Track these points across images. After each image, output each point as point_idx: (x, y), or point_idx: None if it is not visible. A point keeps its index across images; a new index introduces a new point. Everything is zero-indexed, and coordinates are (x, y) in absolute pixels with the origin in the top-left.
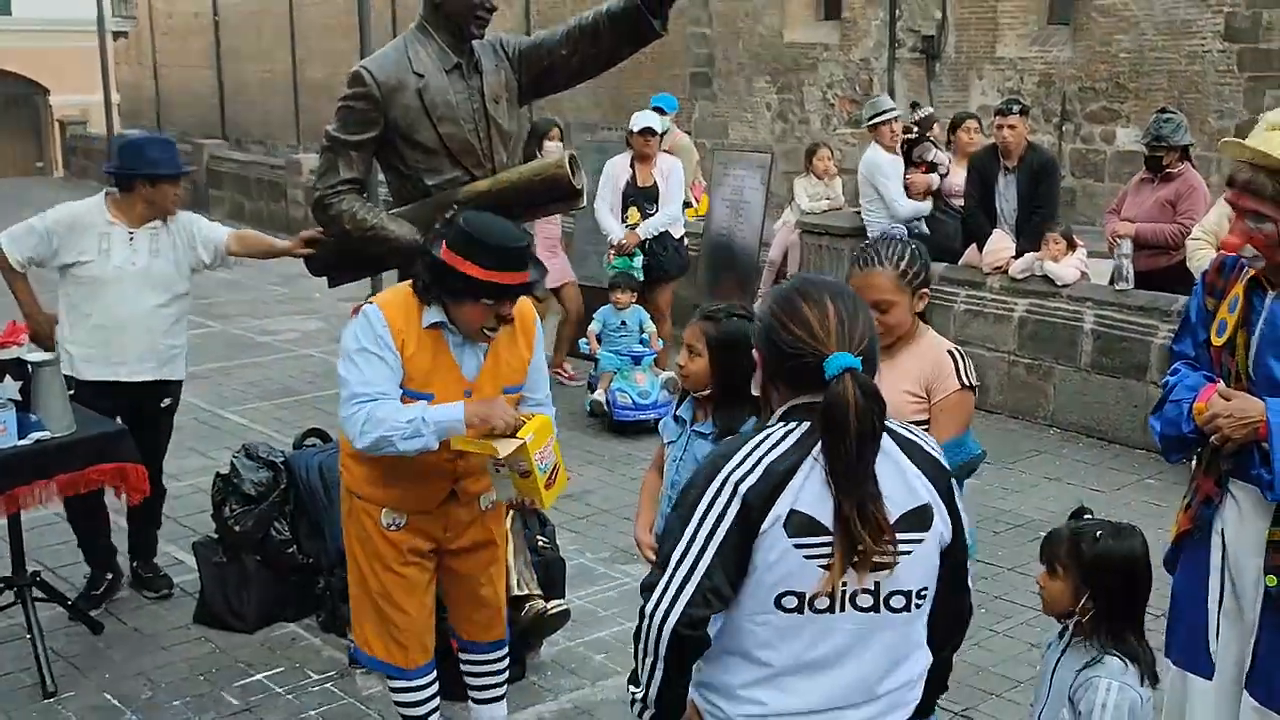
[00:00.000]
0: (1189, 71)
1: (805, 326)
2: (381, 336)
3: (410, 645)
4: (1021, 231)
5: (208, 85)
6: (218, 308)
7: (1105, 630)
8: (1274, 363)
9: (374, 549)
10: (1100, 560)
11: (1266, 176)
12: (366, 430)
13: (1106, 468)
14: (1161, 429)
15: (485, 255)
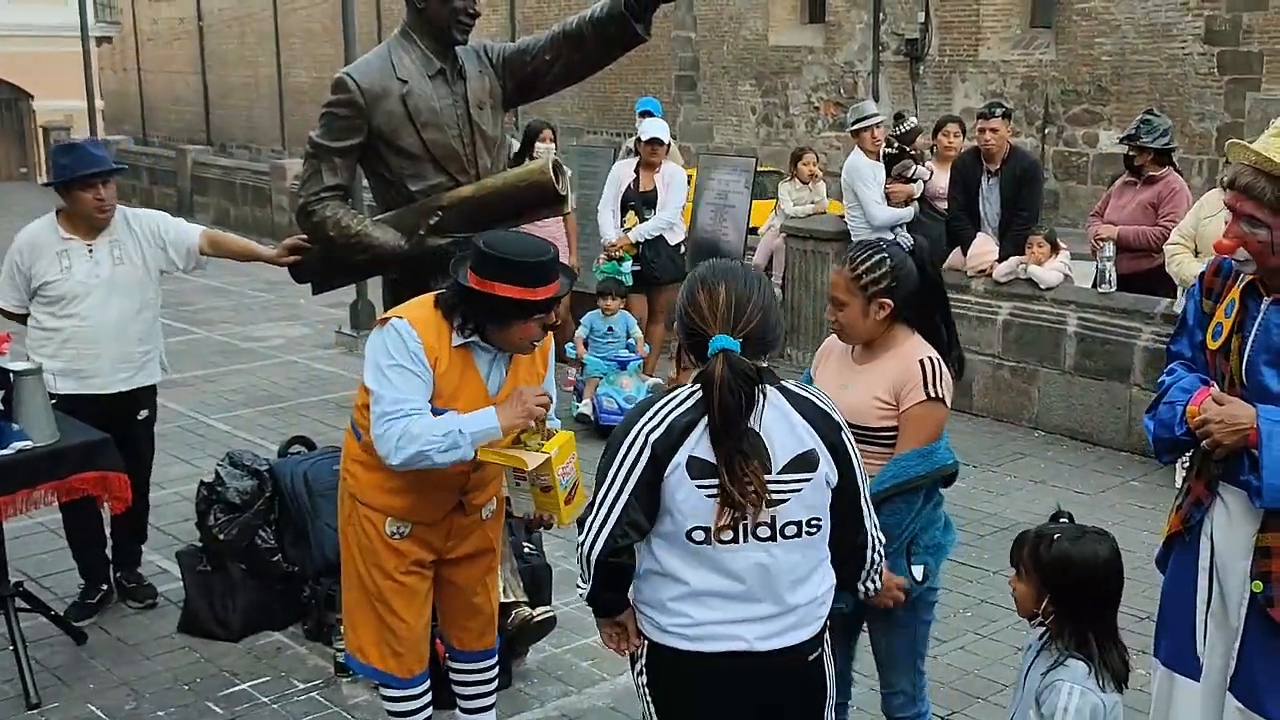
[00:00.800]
0: (1170, 74)
1: (698, 309)
2: (415, 352)
3: (407, 654)
4: (1005, 234)
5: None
6: (202, 314)
7: (1069, 633)
8: (1266, 369)
9: (375, 557)
10: (1058, 563)
11: (1268, 182)
12: (402, 446)
13: (1091, 470)
14: (1155, 430)
15: (524, 274)
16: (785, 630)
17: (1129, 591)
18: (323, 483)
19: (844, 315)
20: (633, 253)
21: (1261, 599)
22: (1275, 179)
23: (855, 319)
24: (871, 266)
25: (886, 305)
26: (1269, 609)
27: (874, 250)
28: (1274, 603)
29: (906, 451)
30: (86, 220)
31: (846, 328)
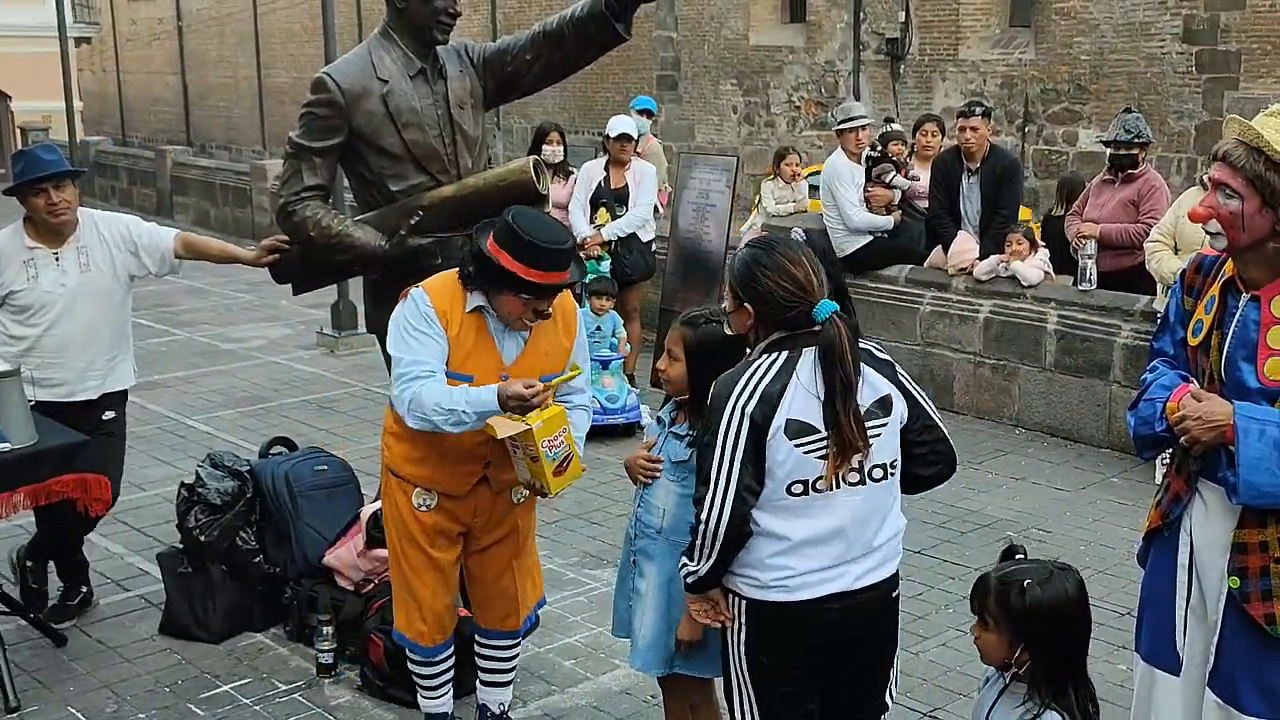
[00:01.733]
0: (1149, 73)
1: (795, 282)
2: (427, 315)
3: (429, 623)
4: (985, 233)
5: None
6: (182, 315)
7: (1046, 684)
8: (1244, 365)
9: (404, 527)
10: (1032, 612)
11: (1247, 154)
12: (414, 410)
13: (1071, 467)
14: (1135, 426)
15: (529, 254)
16: (873, 568)
17: (1110, 587)
18: (304, 483)
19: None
20: (607, 251)
21: (1238, 594)
22: (1255, 151)
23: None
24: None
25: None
26: (1245, 604)
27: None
28: (1250, 598)
29: None
30: (45, 226)
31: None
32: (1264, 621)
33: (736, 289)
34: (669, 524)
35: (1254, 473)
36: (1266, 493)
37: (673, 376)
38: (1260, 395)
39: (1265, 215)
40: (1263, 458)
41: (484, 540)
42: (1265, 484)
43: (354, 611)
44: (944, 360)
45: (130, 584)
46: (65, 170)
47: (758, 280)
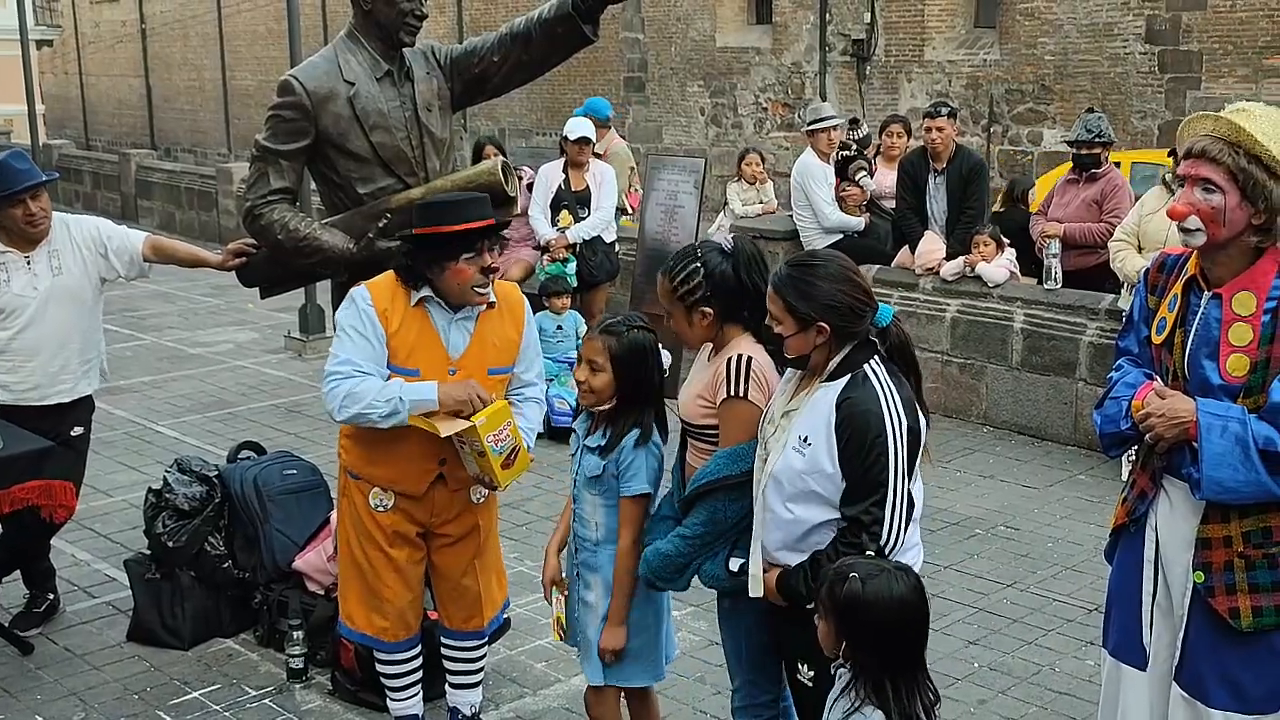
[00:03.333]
0: (1112, 73)
1: (861, 289)
2: (366, 313)
3: (392, 620)
4: (952, 233)
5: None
6: (149, 320)
7: (868, 679)
8: (1206, 362)
9: (362, 527)
10: (848, 606)
11: (1225, 147)
12: (345, 405)
13: (1039, 465)
14: (1101, 425)
15: (448, 211)
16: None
17: (1078, 584)
18: (273, 488)
19: (673, 324)
20: (572, 253)
21: (1203, 589)
22: (1235, 146)
23: (682, 327)
24: (686, 277)
25: (707, 313)
26: (1210, 599)
27: (689, 259)
28: (1214, 593)
29: (721, 450)
30: (20, 234)
31: (679, 335)
32: (1228, 615)
33: (807, 310)
34: (603, 535)
35: (1216, 468)
36: (1229, 488)
37: (596, 387)
38: (1223, 391)
39: (1244, 209)
40: (1225, 454)
41: (444, 539)
42: (1228, 479)
43: (324, 616)
44: None
45: (98, 591)
46: (44, 179)
47: (834, 297)
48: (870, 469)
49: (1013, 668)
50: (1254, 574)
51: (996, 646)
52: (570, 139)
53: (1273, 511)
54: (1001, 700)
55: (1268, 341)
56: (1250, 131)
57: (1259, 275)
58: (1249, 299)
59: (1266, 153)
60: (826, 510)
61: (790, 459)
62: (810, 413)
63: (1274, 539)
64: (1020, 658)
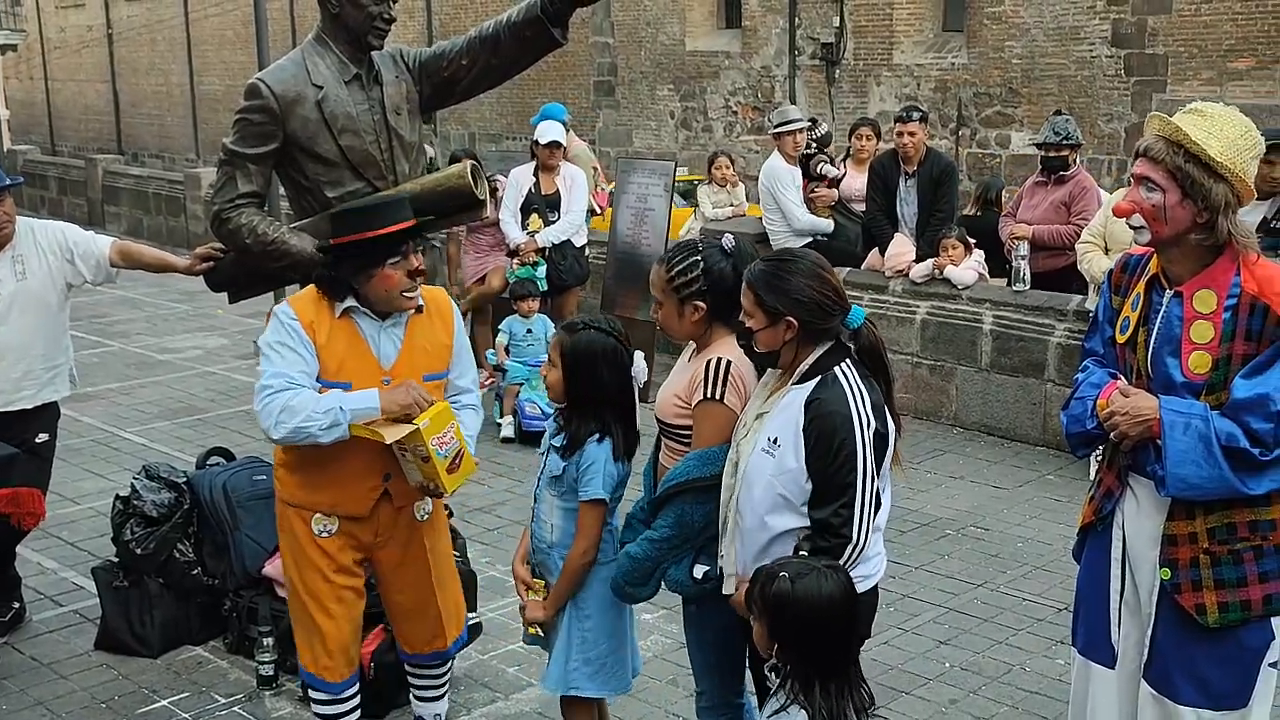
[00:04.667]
0: (1079, 76)
1: (834, 289)
2: (292, 328)
3: (336, 657)
4: (922, 235)
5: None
6: (116, 326)
7: (796, 678)
8: (1169, 360)
9: (305, 557)
10: (776, 605)
11: (1167, 147)
12: (282, 420)
13: (1009, 465)
14: (1068, 425)
15: (364, 216)
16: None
17: (1048, 583)
18: (242, 493)
19: (661, 315)
20: (542, 257)
21: (1169, 586)
22: (1176, 145)
23: (670, 319)
24: (685, 269)
25: (699, 308)
26: (1177, 595)
27: (690, 252)
28: (1181, 589)
29: (692, 452)
30: None
31: (666, 326)
32: (1195, 611)
33: (775, 304)
34: (558, 538)
35: (1180, 465)
36: (1193, 484)
37: (550, 382)
38: (1185, 389)
39: (1186, 207)
40: (1188, 450)
41: (390, 560)
42: (1192, 476)
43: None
44: None
45: (65, 599)
46: (7, 185)
47: (802, 292)
48: (839, 470)
49: (983, 667)
50: (1219, 570)
51: (967, 646)
52: (541, 143)
53: (1237, 508)
54: (972, 700)
55: (1229, 339)
56: (1187, 131)
57: (1218, 273)
58: (1209, 297)
59: (1204, 152)
60: (793, 518)
61: (759, 461)
62: (780, 414)
63: (1239, 535)
64: (991, 657)
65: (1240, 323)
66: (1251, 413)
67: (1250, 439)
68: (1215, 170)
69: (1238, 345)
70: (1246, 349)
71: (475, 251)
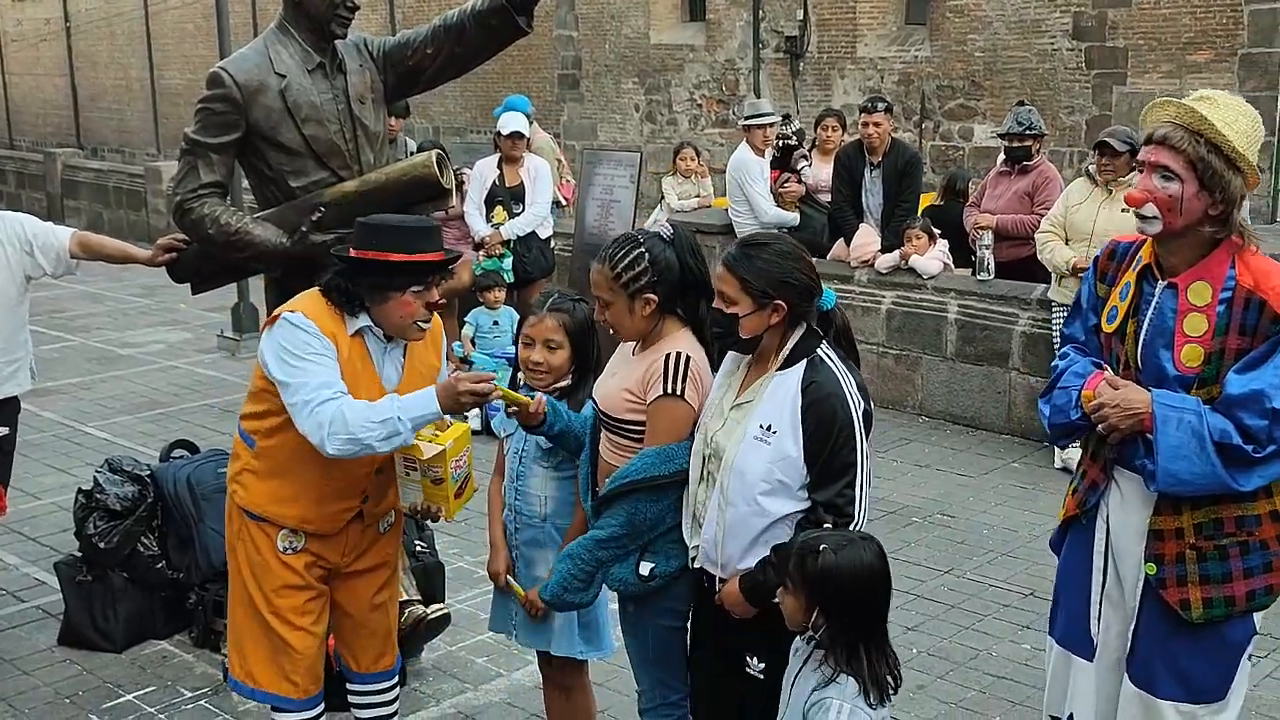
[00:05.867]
0: (1040, 69)
1: (811, 269)
2: (318, 339)
3: (302, 674)
4: (887, 225)
5: (61, 93)
6: (77, 321)
7: (841, 648)
8: (1163, 352)
9: (266, 573)
10: (826, 576)
11: (1186, 134)
12: (335, 432)
13: (974, 454)
14: (1050, 415)
15: (401, 239)
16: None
17: (1013, 569)
18: (207, 486)
19: (611, 314)
20: (508, 249)
21: (1155, 581)
22: (1197, 135)
23: (621, 317)
24: (630, 263)
25: (651, 301)
26: (1161, 590)
27: (632, 245)
28: (1166, 584)
29: (648, 449)
30: None
31: (615, 325)
32: (1179, 607)
33: (765, 287)
34: (552, 509)
35: (1172, 460)
36: (1184, 480)
37: (555, 364)
38: (1177, 382)
39: (1201, 198)
40: (1180, 445)
41: (351, 572)
42: (1184, 471)
43: None
44: None
45: (27, 595)
46: None
47: (791, 274)
48: (840, 451)
49: (950, 653)
50: (1205, 565)
51: (934, 632)
52: (504, 134)
53: (1224, 503)
54: (939, 685)
55: (1222, 332)
56: (1212, 120)
57: (1214, 265)
58: (1204, 289)
59: (1227, 143)
60: (790, 502)
61: (752, 450)
62: (770, 401)
63: (1225, 531)
64: (958, 643)
65: (1235, 317)
66: (1245, 409)
67: (1244, 435)
68: (1234, 162)
69: (1231, 339)
70: (1240, 343)
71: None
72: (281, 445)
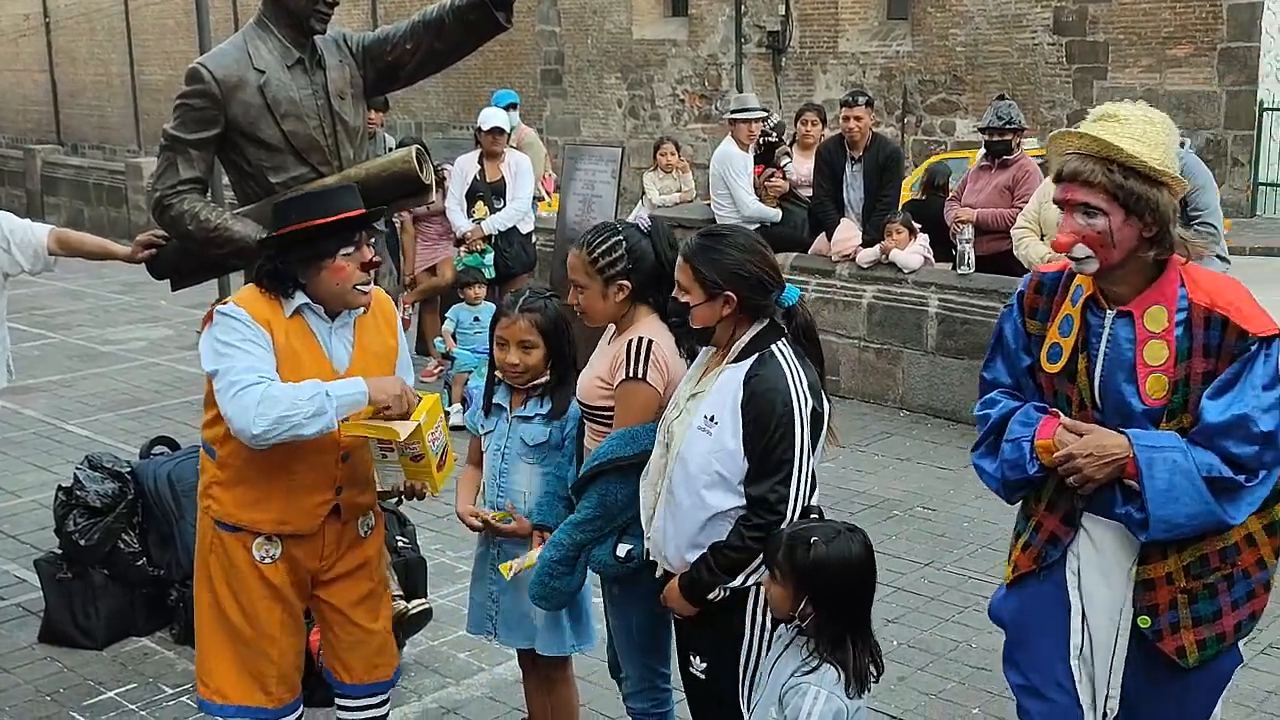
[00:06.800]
0: (1021, 64)
1: (773, 265)
2: (249, 326)
3: (277, 685)
4: (868, 220)
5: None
6: (57, 318)
7: (826, 637)
8: (1125, 386)
9: (242, 585)
10: (815, 567)
11: (1098, 165)
12: (262, 412)
13: (954, 447)
14: (1001, 472)
15: (317, 203)
16: None
17: (993, 561)
18: (187, 483)
19: (584, 299)
20: (489, 244)
21: (1150, 634)
22: (1105, 161)
23: (594, 302)
24: (607, 249)
25: (625, 287)
26: (1158, 642)
27: (610, 233)
28: (1162, 635)
29: (615, 431)
30: None
31: (588, 311)
32: (1175, 655)
33: (715, 277)
34: (535, 505)
35: (1165, 506)
36: (1179, 524)
37: (532, 364)
38: (1146, 417)
39: (1131, 224)
40: (1172, 488)
41: (331, 580)
42: (1178, 515)
43: None
44: (829, 346)
45: (7, 593)
46: None
47: (742, 266)
48: (776, 446)
49: (931, 645)
50: (1196, 607)
51: (915, 625)
52: (484, 129)
53: (1208, 539)
54: (920, 676)
55: (1185, 357)
56: (1118, 144)
57: (1166, 287)
58: (1160, 313)
59: (1141, 163)
60: (730, 496)
61: (695, 440)
62: (717, 393)
63: (1211, 566)
64: (938, 635)
65: (1196, 338)
66: (1230, 437)
67: (1232, 465)
68: (1155, 178)
69: (1196, 363)
70: (1206, 365)
71: (424, 241)
72: (239, 448)
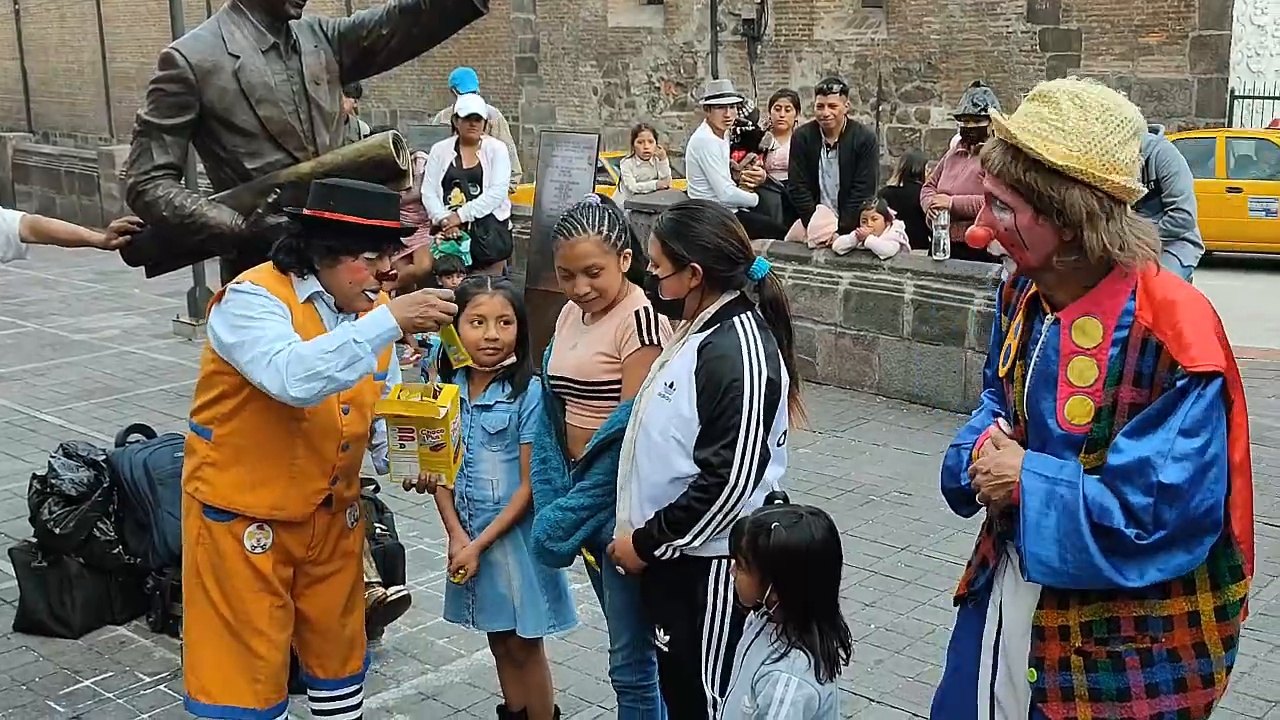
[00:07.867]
0: (995, 52)
1: (740, 239)
2: (268, 299)
3: (266, 682)
4: (843, 206)
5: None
6: (29, 307)
7: (794, 623)
8: (1045, 399)
9: (232, 576)
10: (778, 553)
11: (1012, 159)
12: (294, 373)
13: (931, 432)
14: (942, 478)
15: (358, 201)
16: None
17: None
18: (163, 471)
19: (601, 280)
20: (466, 231)
21: (1034, 691)
22: (1014, 152)
23: (614, 279)
24: (610, 221)
25: (629, 255)
26: (1042, 704)
27: (599, 209)
28: (1047, 697)
29: (624, 401)
30: None
31: (607, 291)
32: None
33: (681, 250)
34: (504, 492)
35: (1037, 544)
36: (1055, 569)
37: (506, 341)
38: (1063, 444)
39: (1043, 225)
40: (1047, 526)
41: (316, 572)
42: (1053, 558)
43: None
44: (806, 332)
45: None
46: None
47: (706, 238)
48: (724, 412)
49: (908, 628)
50: (1095, 676)
51: (892, 608)
52: (461, 116)
53: (1121, 599)
54: (897, 660)
55: (1114, 382)
56: (1015, 133)
57: (1104, 297)
58: (1093, 327)
59: (1042, 156)
60: (688, 462)
61: (657, 407)
62: (677, 361)
63: (1121, 634)
64: (915, 618)
65: (1129, 362)
66: (1129, 482)
67: (1127, 516)
68: (1064, 175)
69: (1124, 391)
70: (1135, 396)
71: None
72: (241, 428)
